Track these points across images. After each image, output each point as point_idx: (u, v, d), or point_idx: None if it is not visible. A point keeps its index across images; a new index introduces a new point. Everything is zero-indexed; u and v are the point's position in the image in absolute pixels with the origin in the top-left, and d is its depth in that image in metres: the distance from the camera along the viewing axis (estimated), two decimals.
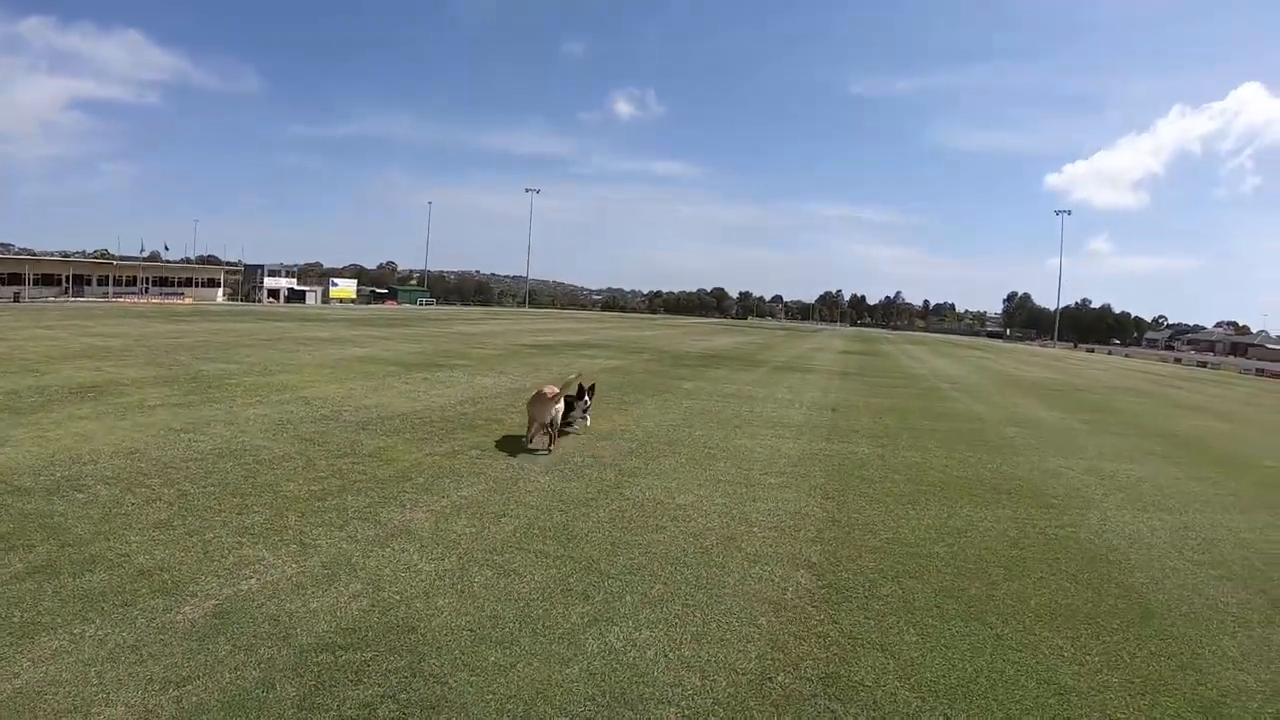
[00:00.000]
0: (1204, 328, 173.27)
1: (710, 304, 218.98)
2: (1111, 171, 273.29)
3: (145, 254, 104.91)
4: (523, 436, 10.50)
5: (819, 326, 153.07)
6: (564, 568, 5.87)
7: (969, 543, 7.57)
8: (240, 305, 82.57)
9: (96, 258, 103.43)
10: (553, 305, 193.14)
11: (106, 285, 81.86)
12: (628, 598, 5.37)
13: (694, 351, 34.69)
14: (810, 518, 7.94)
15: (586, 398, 11.31)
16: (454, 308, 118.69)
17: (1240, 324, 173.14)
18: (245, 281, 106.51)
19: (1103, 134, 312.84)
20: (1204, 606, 6.27)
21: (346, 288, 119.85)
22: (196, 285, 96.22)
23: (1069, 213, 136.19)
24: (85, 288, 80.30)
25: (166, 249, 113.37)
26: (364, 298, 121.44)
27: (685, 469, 9.68)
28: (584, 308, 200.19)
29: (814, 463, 10.95)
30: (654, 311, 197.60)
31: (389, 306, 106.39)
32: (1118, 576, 6.87)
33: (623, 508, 7.63)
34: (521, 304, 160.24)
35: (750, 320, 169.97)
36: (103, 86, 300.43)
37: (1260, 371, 75.38)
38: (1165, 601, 6.33)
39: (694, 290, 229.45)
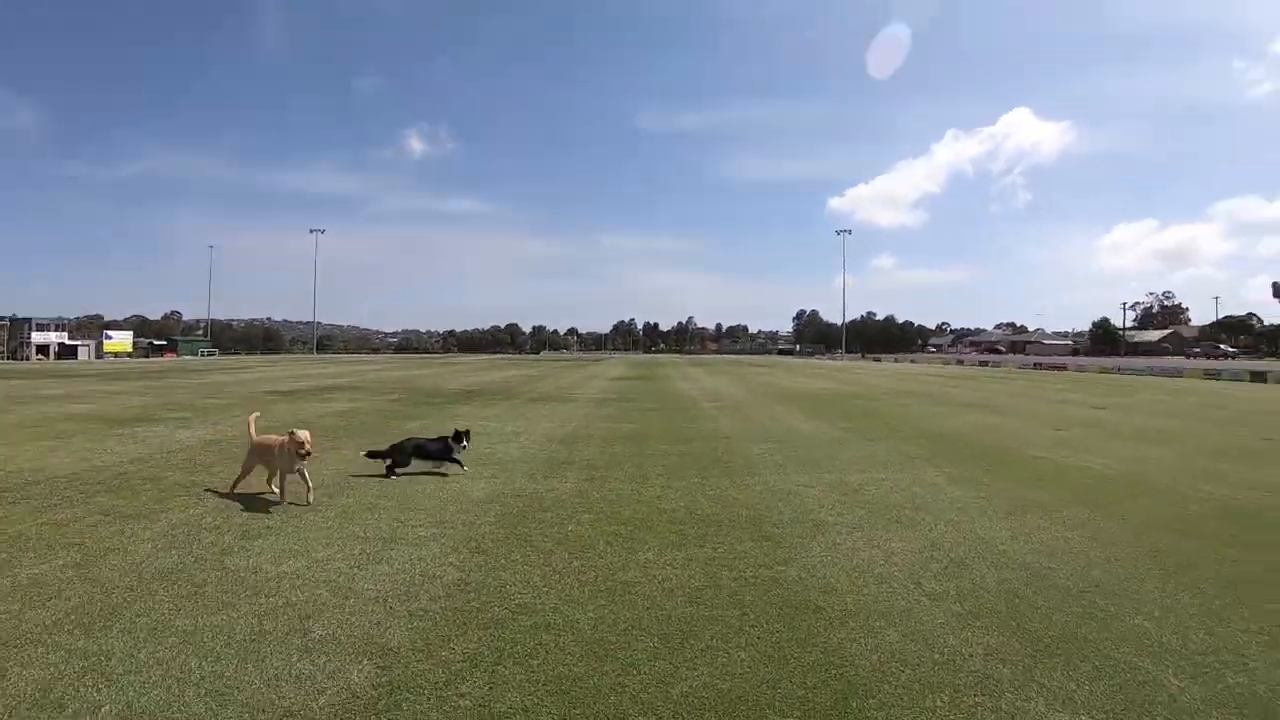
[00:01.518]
0: (985, 330, 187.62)
1: (505, 340, 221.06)
2: (891, 193, 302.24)
3: None
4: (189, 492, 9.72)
5: (609, 356, 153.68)
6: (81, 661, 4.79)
7: (629, 603, 5.88)
8: (4, 363, 73.77)
9: None
10: (344, 350, 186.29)
11: None
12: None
13: (452, 388, 33.47)
14: (437, 580, 6.40)
15: (464, 441, 11.62)
16: (235, 357, 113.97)
17: (1018, 324, 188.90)
18: (11, 337, 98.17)
19: (883, 160, 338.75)
20: (934, 668, 4.73)
21: (122, 341, 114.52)
22: None
23: (849, 232, 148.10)
24: None
25: None
26: (141, 350, 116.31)
27: (332, 525, 8.24)
28: (377, 351, 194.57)
29: (493, 506, 9.26)
30: (447, 350, 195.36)
31: (167, 359, 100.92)
32: (820, 635, 5.25)
33: (206, 580, 6.33)
34: (312, 351, 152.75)
35: (543, 354, 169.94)
36: None
37: (1038, 365, 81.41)
38: (874, 669, 4.69)
39: (488, 328, 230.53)
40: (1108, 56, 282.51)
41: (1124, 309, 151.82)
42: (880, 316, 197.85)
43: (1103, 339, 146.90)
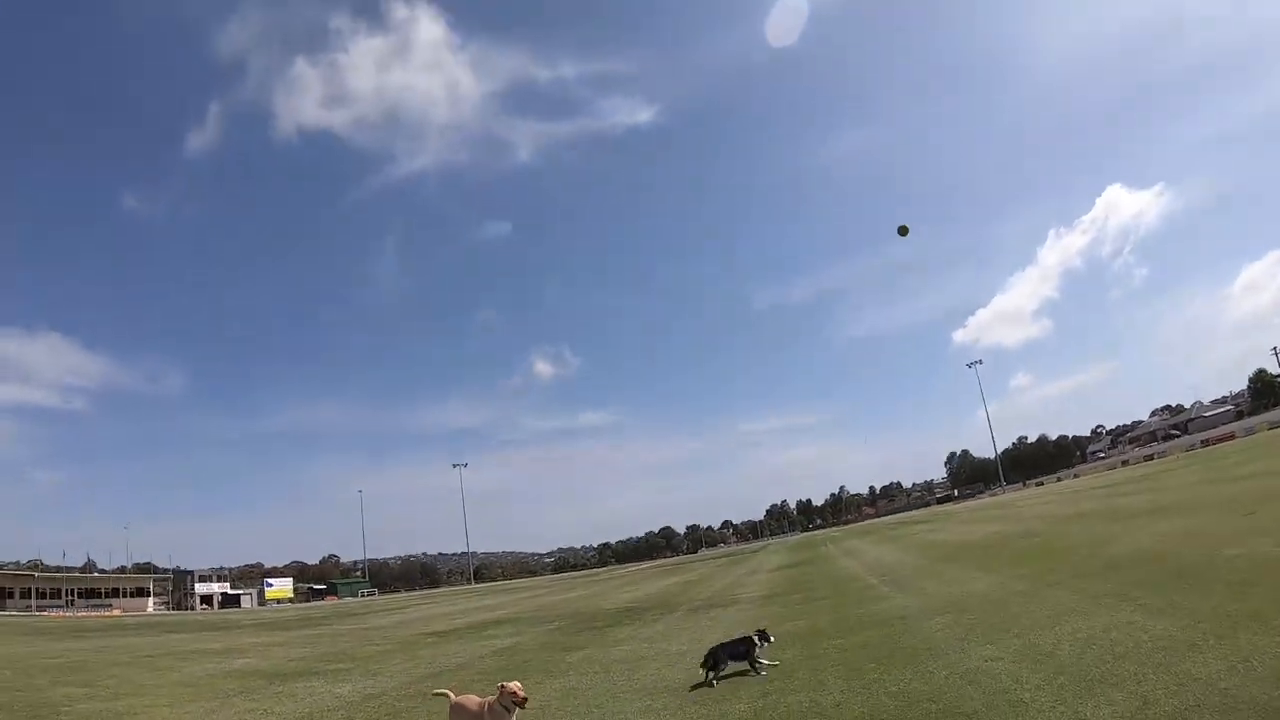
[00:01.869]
0: (1141, 421, 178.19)
1: (660, 544, 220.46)
2: (1011, 310, 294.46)
3: (82, 564, 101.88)
4: None
5: (766, 542, 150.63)
6: None
7: None
8: (170, 614, 76.80)
9: (27, 569, 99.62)
10: (502, 576, 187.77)
11: (30, 598, 76.46)
12: None
13: (611, 608, 32.23)
14: None
15: (768, 639, 12.10)
16: (393, 596, 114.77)
17: (1174, 405, 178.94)
18: (176, 588, 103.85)
19: (994, 279, 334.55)
20: None
21: (282, 587, 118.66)
22: (124, 595, 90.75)
23: (980, 362, 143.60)
24: (7, 600, 74.78)
25: (88, 559, 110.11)
26: (301, 595, 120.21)
27: None
28: (534, 573, 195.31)
29: None
30: (604, 564, 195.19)
31: (327, 602, 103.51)
32: None
33: None
34: (469, 581, 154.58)
35: (700, 552, 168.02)
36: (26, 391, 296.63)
37: (1204, 443, 76.41)
38: None
39: (642, 535, 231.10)
40: (1170, 103, 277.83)
41: (1276, 354, 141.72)
42: (1032, 438, 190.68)
43: (1263, 393, 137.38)
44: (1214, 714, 6.17)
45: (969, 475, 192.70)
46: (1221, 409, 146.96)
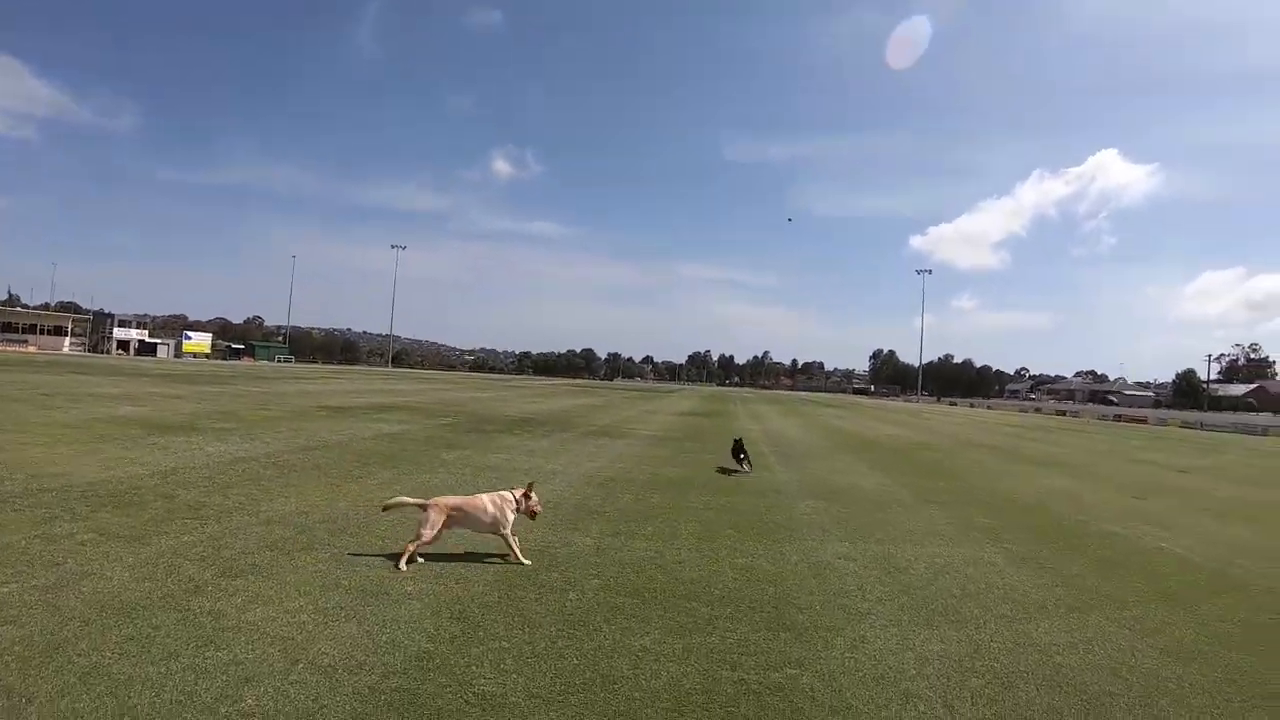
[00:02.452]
0: (1064, 378, 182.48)
1: (579, 365, 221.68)
2: (974, 233, 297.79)
3: (2, 298, 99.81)
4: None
5: (681, 387, 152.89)
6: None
7: (603, 706, 5.12)
8: (81, 356, 76.43)
9: None
10: (421, 365, 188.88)
11: None
12: None
13: (512, 415, 32.36)
14: (400, 651, 5.76)
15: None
16: (309, 366, 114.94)
17: (1099, 373, 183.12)
18: (94, 331, 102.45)
19: (966, 198, 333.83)
20: None
21: (200, 341, 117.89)
22: (41, 332, 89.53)
23: (930, 272, 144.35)
24: None
25: (10, 294, 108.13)
26: (219, 353, 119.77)
27: (324, 568, 7.67)
28: (452, 368, 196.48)
29: (498, 560, 8.43)
30: (521, 372, 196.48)
31: (243, 363, 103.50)
32: None
33: (163, 623, 5.91)
34: (387, 364, 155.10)
35: (616, 381, 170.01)
36: None
37: (1118, 418, 78.07)
38: None
39: (564, 351, 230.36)
40: (1201, 99, 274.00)
41: (1208, 361, 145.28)
42: (958, 359, 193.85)
43: (1185, 392, 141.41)
44: (1039, 686, 5.85)
45: (890, 376, 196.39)
46: (1142, 393, 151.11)
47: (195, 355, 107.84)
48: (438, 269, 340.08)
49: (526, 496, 8.66)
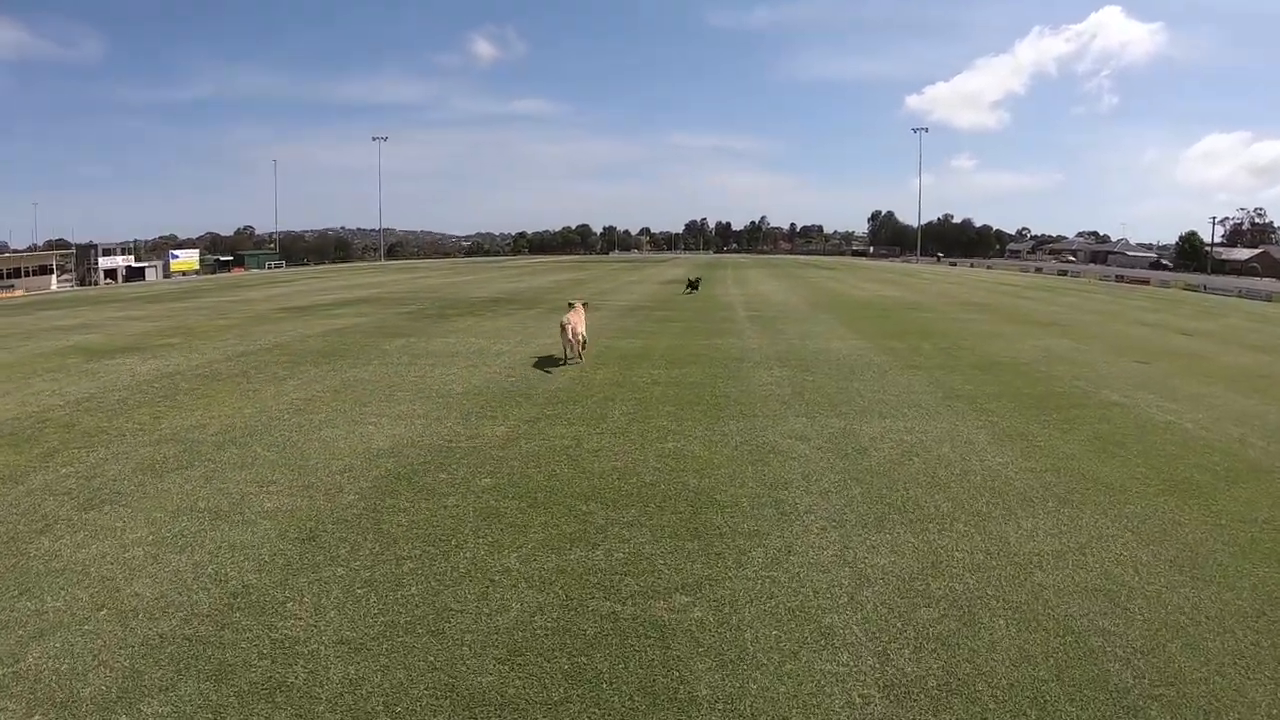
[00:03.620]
0: (1066, 238, 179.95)
1: (575, 241, 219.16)
2: (972, 92, 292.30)
3: None
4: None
5: (675, 256, 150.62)
6: None
7: (427, 652, 4.11)
8: (69, 291, 74.95)
9: None
10: (417, 256, 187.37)
11: None
12: None
13: (478, 297, 31.06)
14: (218, 586, 5.01)
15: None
16: (301, 268, 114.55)
17: (1101, 234, 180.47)
18: (80, 264, 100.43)
19: (963, 57, 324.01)
20: None
21: (188, 259, 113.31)
22: (27, 275, 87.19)
23: (926, 130, 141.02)
24: None
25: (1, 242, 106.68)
26: (209, 267, 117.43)
27: (190, 488, 6.98)
28: (448, 255, 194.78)
29: (382, 463, 7.56)
30: (518, 253, 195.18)
31: (233, 274, 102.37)
32: None
33: None
34: (383, 257, 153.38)
35: (612, 255, 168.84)
36: None
37: (1120, 278, 76.72)
38: None
39: (559, 229, 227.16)
40: None
41: (1213, 224, 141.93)
42: (958, 219, 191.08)
43: (1188, 254, 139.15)
44: (1010, 623, 4.49)
45: (889, 237, 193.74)
46: (1144, 254, 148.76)
47: (184, 273, 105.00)
48: (428, 159, 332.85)
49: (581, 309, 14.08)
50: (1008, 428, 9.26)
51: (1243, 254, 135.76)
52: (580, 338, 13.45)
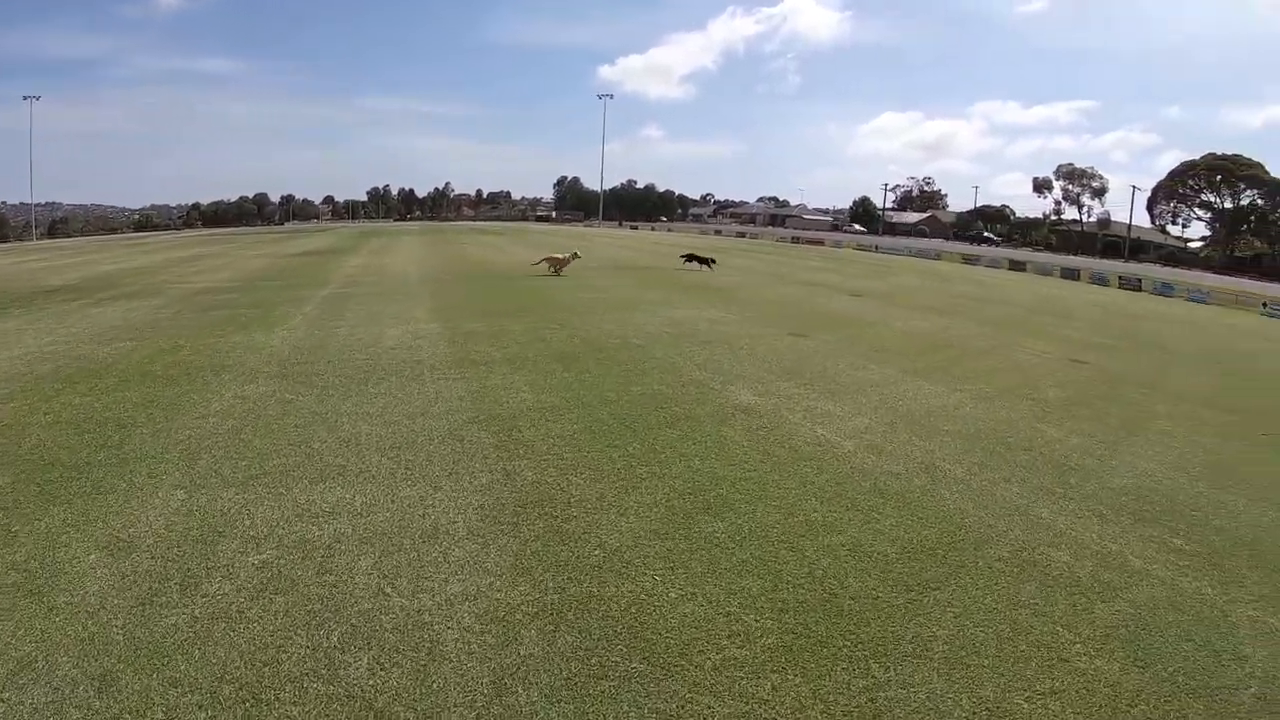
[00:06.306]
0: (747, 203, 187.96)
1: (251, 212, 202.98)
2: (664, 65, 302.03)
3: None
4: None
5: (343, 225, 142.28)
6: None
7: None
8: None
9: None
10: (81, 232, 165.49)
11: None
12: None
13: (48, 285, 23.45)
14: None
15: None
16: None
17: (780, 199, 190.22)
18: None
19: (659, 31, 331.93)
20: None
21: None
22: None
23: (611, 96, 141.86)
24: None
25: None
26: None
27: None
28: (115, 231, 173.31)
29: None
30: (190, 226, 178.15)
31: None
32: None
33: None
34: (44, 235, 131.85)
35: (288, 225, 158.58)
36: None
37: (796, 239, 79.51)
38: None
39: (235, 199, 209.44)
40: None
41: (884, 189, 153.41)
42: (641, 185, 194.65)
43: (861, 217, 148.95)
44: None
45: (574, 203, 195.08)
46: (821, 217, 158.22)
47: None
48: (99, 122, 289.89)
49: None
50: (531, 478, 5.43)
51: (912, 217, 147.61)
52: None
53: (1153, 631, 4.26)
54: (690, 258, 27.04)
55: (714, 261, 26.51)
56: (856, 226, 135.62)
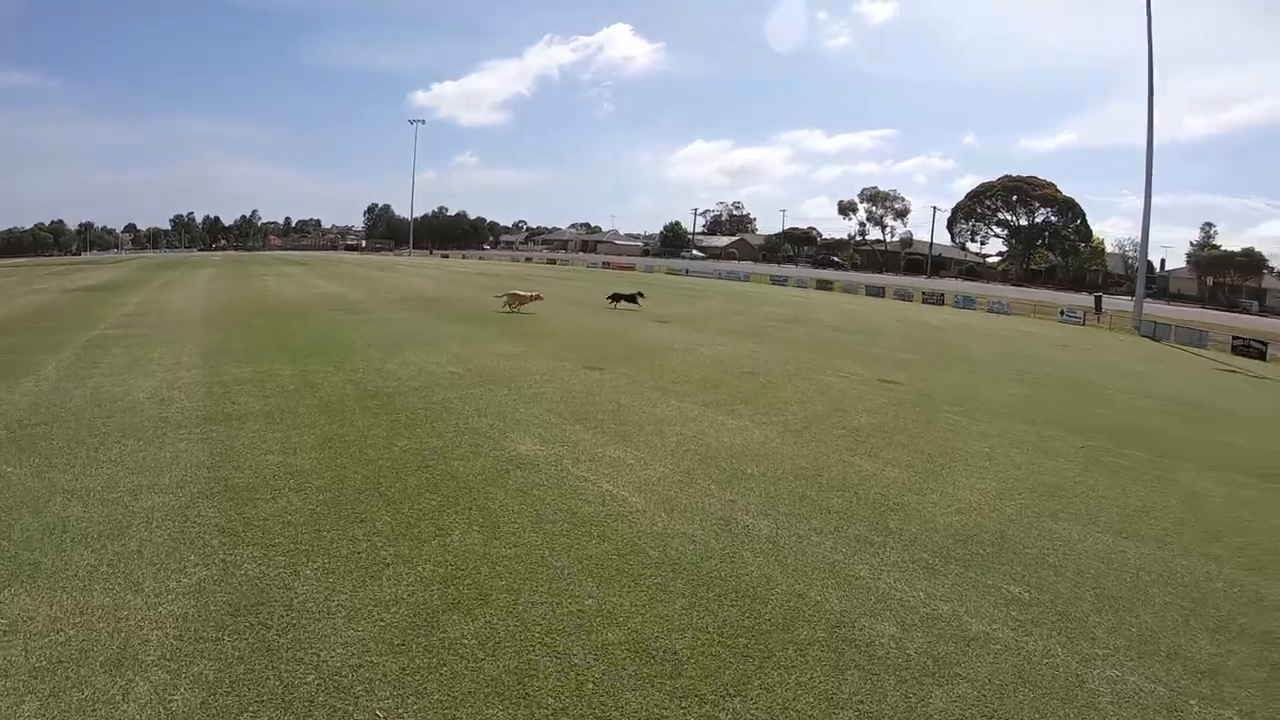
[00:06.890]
0: (560, 229, 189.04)
1: (47, 241, 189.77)
2: (480, 92, 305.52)
3: None
4: None
5: (137, 255, 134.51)
6: None
7: None
8: None
9: None
10: None
11: None
12: None
13: None
14: None
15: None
16: None
17: (592, 225, 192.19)
18: None
19: (474, 59, 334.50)
20: None
21: None
22: None
23: (423, 122, 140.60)
24: None
25: None
26: None
27: None
28: None
29: None
30: None
31: None
32: None
33: None
34: None
35: (85, 255, 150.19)
36: None
37: (607, 264, 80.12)
38: None
39: (30, 227, 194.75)
40: None
41: (695, 214, 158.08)
42: (453, 212, 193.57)
43: (672, 242, 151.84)
44: None
45: (385, 231, 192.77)
46: (633, 242, 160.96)
47: None
48: None
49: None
50: (252, 572, 4.60)
51: (723, 241, 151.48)
52: None
53: (1001, 719, 3.85)
54: (616, 298, 26.19)
55: (642, 296, 26.33)
56: (698, 252, 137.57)
